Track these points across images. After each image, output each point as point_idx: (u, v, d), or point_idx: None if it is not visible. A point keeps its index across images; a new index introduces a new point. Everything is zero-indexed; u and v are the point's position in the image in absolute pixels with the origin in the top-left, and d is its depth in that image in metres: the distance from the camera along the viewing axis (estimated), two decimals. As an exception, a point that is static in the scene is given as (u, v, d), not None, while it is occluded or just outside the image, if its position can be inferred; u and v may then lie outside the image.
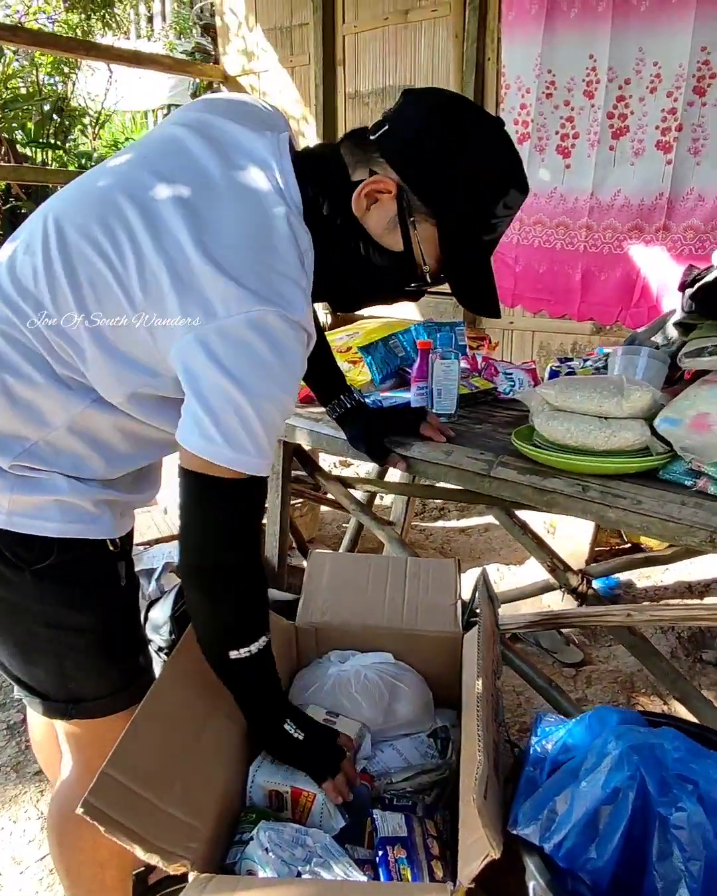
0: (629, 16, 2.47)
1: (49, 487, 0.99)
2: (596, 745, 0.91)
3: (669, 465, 1.21)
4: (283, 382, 0.88)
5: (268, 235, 0.86)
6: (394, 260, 0.95)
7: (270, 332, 0.83)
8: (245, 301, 0.82)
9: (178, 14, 8.79)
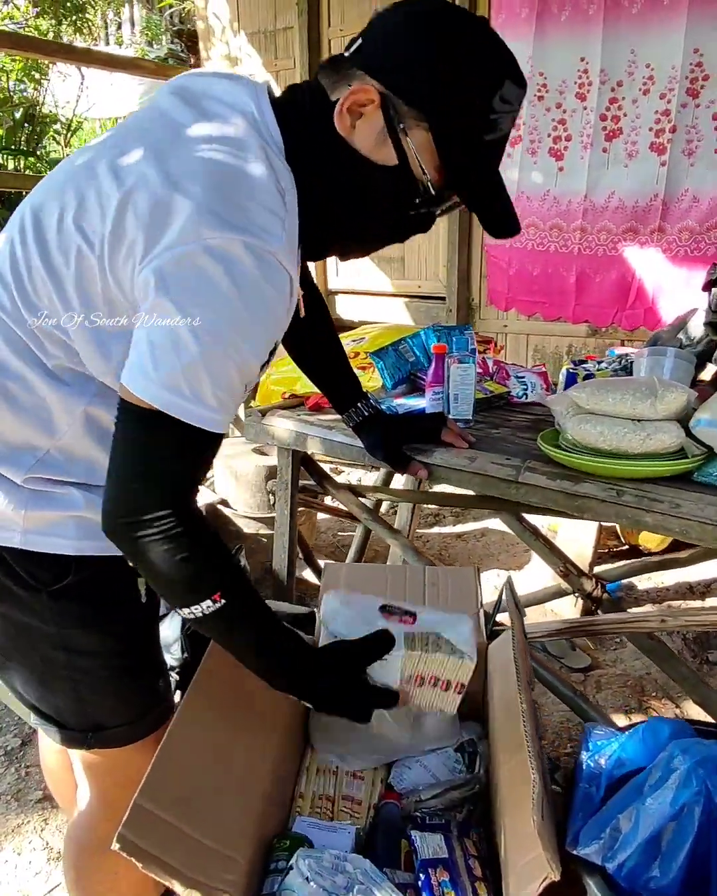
0: (620, 18, 2.48)
1: (65, 503, 0.95)
2: (662, 760, 0.88)
3: (704, 468, 1.19)
4: (242, 327, 0.77)
5: (239, 165, 0.78)
6: (391, 176, 0.85)
7: (233, 264, 0.74)
8: (206, 225, 0.73)
9: (148, 20, 8.73)
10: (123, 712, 1.05)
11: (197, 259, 0.74)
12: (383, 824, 1.27)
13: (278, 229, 0.77)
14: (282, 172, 0.81)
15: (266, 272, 0.76)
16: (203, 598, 0.85)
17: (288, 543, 1.87)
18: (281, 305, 0.81)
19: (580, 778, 0.96)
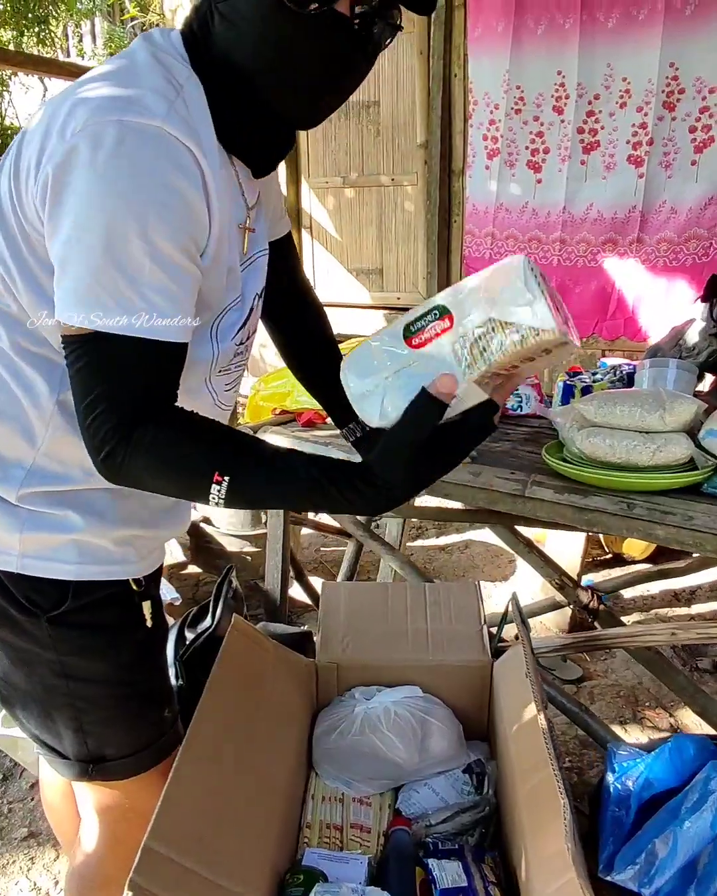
0: (596, 32, 2.51)
1: (63, 525, 0.90)
2: (699, 782, 0.86)
3: (714, 479, 1.18)
4: (136, 210, 0.69)
5: (124, 67, 0.75)
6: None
7: (105, 146, 0.67)
8: (82, 117, 0.69)
9: (111, 32, 8.67)
10: (127, 743, 1.01)
11: (71, 155, 0.68)
12: (394, 852, 1.24)
13: (162, 105, 0.71)
14: (176, 68, 0.76)
15: (149, 145, 0.69)
16: (208, 486, 0.74)
17: (281, 562, 1.83)
18: (182, 180, 0.72)
19: (608, 801, 0.94)
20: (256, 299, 0.93)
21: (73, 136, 0.69)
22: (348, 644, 1.49)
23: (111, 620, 0.96)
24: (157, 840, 0.92)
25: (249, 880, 1.02)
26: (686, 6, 2.37)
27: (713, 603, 2.69)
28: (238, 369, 0.97)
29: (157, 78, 0.74)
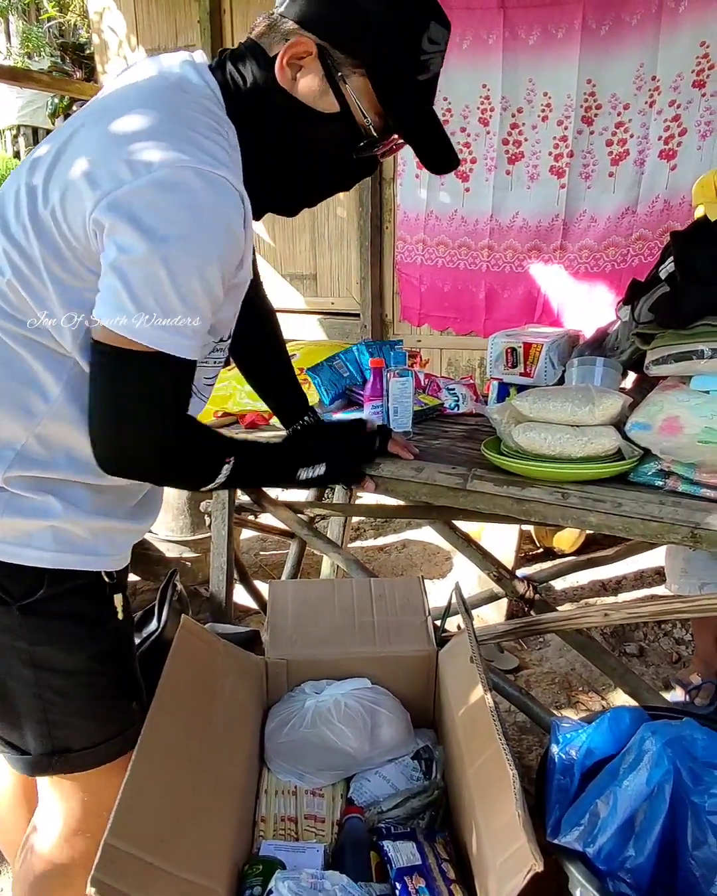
0: (518, 49, 2.62)
1: (43, 511, 0.91)
2: (634, 743, 0.93)
3: (639, 468, 1.27)
4: (206, 250, 0.79)
5: (179, 106, 0.82)
6: (334, 123, 0.89)
7: (184, 191, 0.76)
8: (154, 158, 0.76)
9: (29, 32, 8.43)
10: (93, 734, 1.01)
11: (150, 192, 0.75)
12: (349, 839, 1.27)
13: (224, 156, 0.80)
14: (222, 120, 0.85)
15: (218, 192, 0.78)
16: (221, 469, 0.97)
17: (226, 564, 1.84)
18: (238, 224, 0.82)
19: (553, 770, 1.00)
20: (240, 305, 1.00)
21: (149, 173, 0.75)
22: (297, 640, 1.51)
23: (85, 611, 0.97)
24: (117, 837, 0.92)
25: (209, 873, 1.03)
26: (601, 26, 2.51)
27: (637, 591, 2.84)
28: (217, 364, 1.02)
29: (211, 125, 0.82)
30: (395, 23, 0.86)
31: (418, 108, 0.92)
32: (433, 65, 0.90)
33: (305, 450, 1.20)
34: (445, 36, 0.90)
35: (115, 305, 0.78)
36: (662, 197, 2.55)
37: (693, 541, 1.16)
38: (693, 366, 1.19)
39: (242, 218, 0.82)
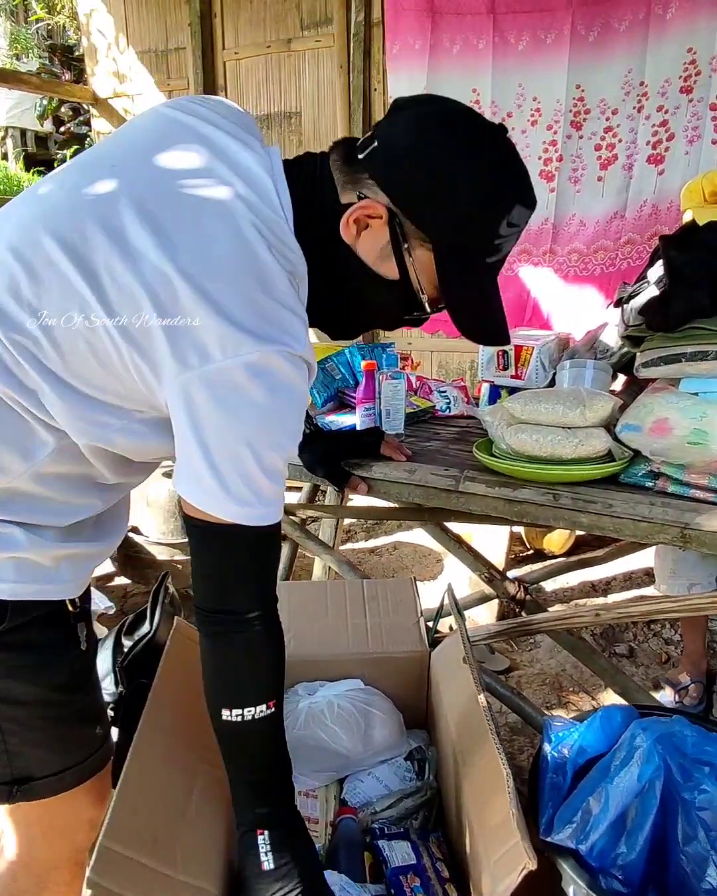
0: (507, 54, 2.64)
1: (5, 542, 0.87)
2: (625, 740, 0.94)
3: (629, 469, 1.28)
4: (286, 427, 0.81)
5: (255, 258, 0.76)
6: (390, 289, 0.86)
7: (271, 375, 0.76)
8: (244, 342, 0.73)
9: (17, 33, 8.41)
10: (56, 762, 0.97)
11: (238, 375, 0.74)
12: (343, 840, 1.27)
13: (302, 332, 0.79)
14: (295, 255, 0.82)
15: (298, 372, 0.78)
16: (262, 703, 0.89)
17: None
18: (306, 390, 0.84)
19: (546, 769, 1.01)
20: None
21: (232, 357, 0.74)
22: (290, 641, 1.50)
23: (46, 641, 0.93)
24: (112, 839, 0.92)
25: (204, 874, 1.03)
26: (590, 32, 2.53)
27: (627, 592, 2.86)
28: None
29: (286, 284, 0.79)
30: (481, 213, 0.82)
31: (478, 288, 0.87)
32: (506, 247, 0.86)
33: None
34: (527, 217, 0.86)
35: (204, 488, 0.79)
36: (650, 201, 2.57)
37: (683, 541, 1.17)
38: (683, 368, 1.21)
39: (309, 386, 0.84)
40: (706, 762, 0.96)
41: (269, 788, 0.96)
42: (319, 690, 1.48)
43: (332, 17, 3.01)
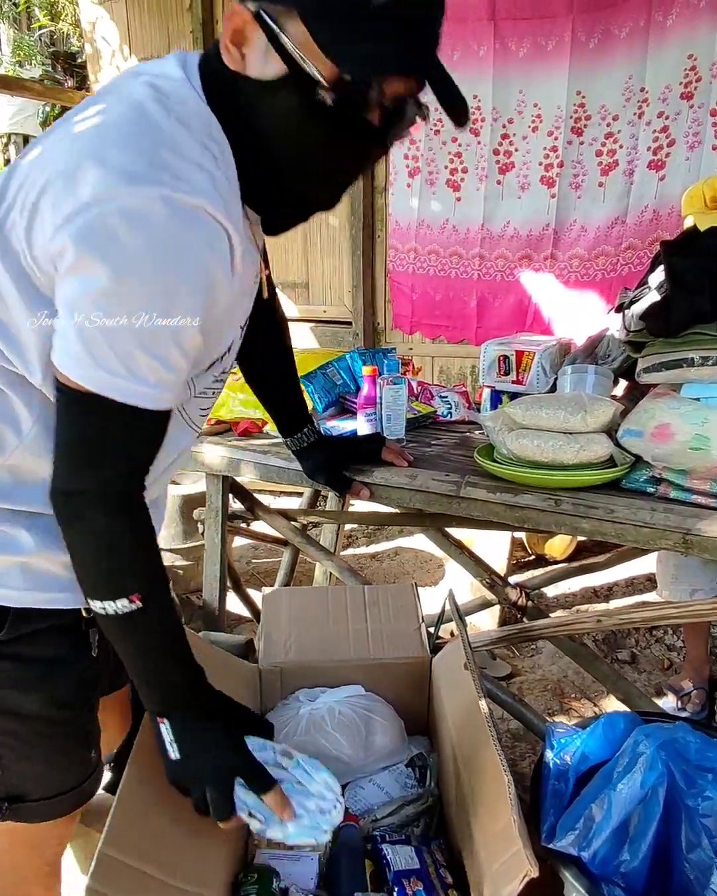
0: (508, 61, 2.65)
1: (12, 546, 0.85)
2: (628, 746, 0.93)
3: (631, 475, 1.28)
4: (167, 289, 0.70)
5: (153, 123, 0.70)
6: (288, 87, 0.73)
7: (151, 224, 0.67)
8: (118, 184, 0.66)
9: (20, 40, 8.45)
10: (50, 784, 0.95)
11: (110, 220, 0.67)
12: (344, 848, 1.27)
13: (206, 182, 0.71)
14: (211, 134, 0.74)
15: (190, 226, 0.70)
16: (121, 596, 0.80)
17: (219, 572, 1.84)
18: (214, 262, 0.73)
19: (548, 776, 1.00)
20: (240, 331, 0.93)
21: (106, 201, 0.67)
22: (291, 647, 1.51)
23: (52, 653, 0.91)
24: (112, 846, 0.92)
25: (205, 882, 1.03)
26: (590, 39, 2.54)
27: (629, 598, 2.85)
28: (214, 395, 0.97)
29: (195, 147, 0.72)
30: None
31: (385, 42, 0.72)
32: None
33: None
34: None
35: (69, 351, 0.72)
36: (651, 207, 2.58)
37: (685, 546, 1.17)
38: (684, 373, 1.20)
39: (221, 256, 0.74)
40: (710, 769, 0.96)
41: (162, 680, 0.88)
42: (319, 697, 1.48)
43: (333, 24, 3.02)
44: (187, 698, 0.89)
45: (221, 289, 0.76)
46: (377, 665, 1.49)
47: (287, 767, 0.97)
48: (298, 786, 0.96)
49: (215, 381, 0.93)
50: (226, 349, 0.90)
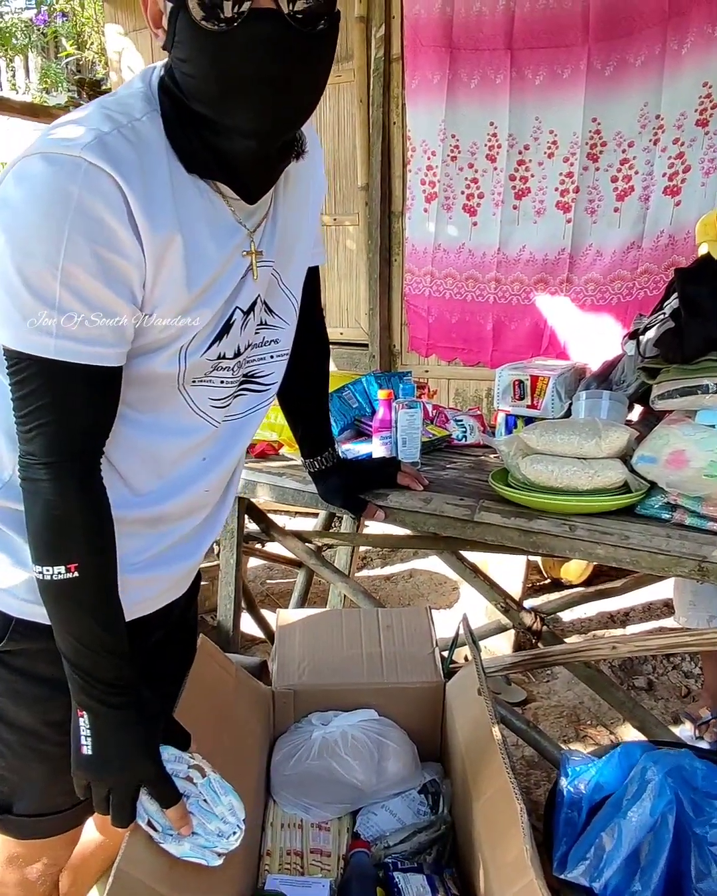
0: (525, 88, 2.69)
1: (22, 555, 0.86)
2: (636, 773, 0.93)
3: (645, 501, 1.28)
4: (47, 236, 0.72)
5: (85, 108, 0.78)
6: (177, 20, 0.73)
7: (30, 179, 0.72)
8: (16, 160, 0.74)
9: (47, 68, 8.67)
10: (38, 802, 0.95)
11: (5, 189, 0.73)
12: (355, 874, 1.26)
13: (87, 136, 0.73)
14: (135, 105, 0.77)
15: (63, 173, 0.71)
16: (59, 563, 0.80)
17: (233, 593, 1.85)
18: (99, 205, 0.73)
19: (562, 804, 0.99)
20: (237, 313, 0.89)
21: (7, 173, 0.74)
22: (305, 670, 1.51)
23: (49, 673, 0.89)
24: (129, 862, 0.92)
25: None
26: (606, 67, 2.57)
27: (646, 623, 2.82)
28: (225, 386, 0.92)
29: (99, 114, 0.76)
30: None
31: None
32: None
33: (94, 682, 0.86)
34: None
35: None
36: (667, 232, 2.59)
37: (701, 574, 1.16)
38: (699, 400, 1.21)
39: (107, 199, 0.73)
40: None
41: (87, 667, 0.83)
42: (332, 720, 1.47)
43: (353, 53, 3.08)
44: (110, 693, 0.84)
45: (120, 236, 0.75)
46: (391, 689, 1.49)
47: (197, 783, 0.94)
48: (203, 804, 0.93)
49: (216, 368, 0.89)
50: (208, 327, 0.86)
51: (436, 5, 2.80)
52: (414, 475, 1.46)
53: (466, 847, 1.25)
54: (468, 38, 2.77)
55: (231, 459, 0.99)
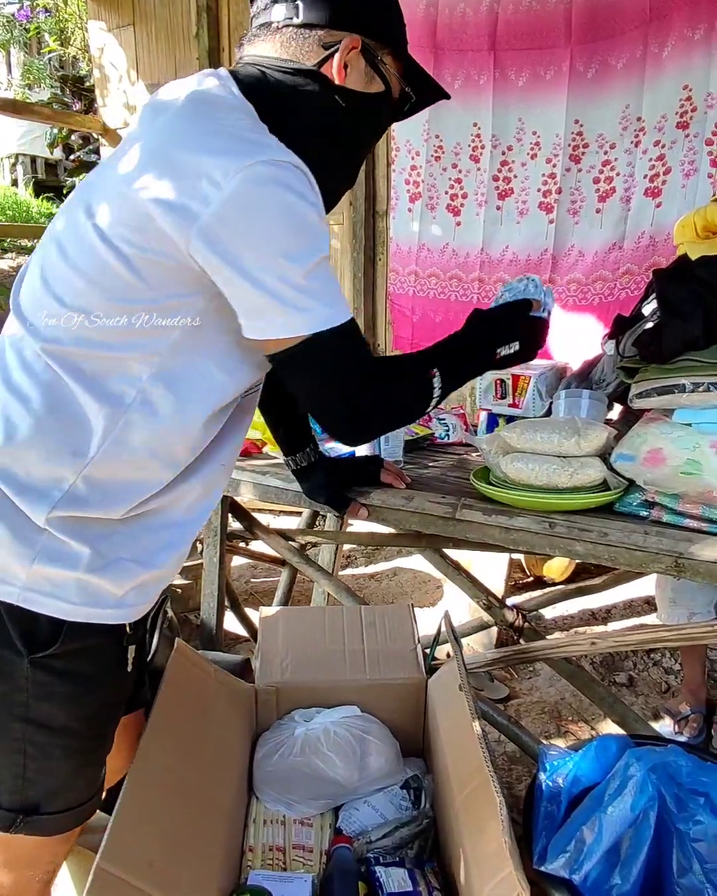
0: (508, 89, 2.71)
1: (72, 561, 0.88)
2: (619, 769, 0.94)
3: (624, 498, 1.29)
4: (310, 228, 0.82)
5: (214, 108, 0.84)
6: (382, 100, 0.99)
7: (270, 181, 0.79)
8: (229, 165, 0.77)
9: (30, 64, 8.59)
10: (65, 798, 0.97)
11: (243, 196, 0.77)
12: (337, 869, 1.27)
13: (281, 147, 0.82)
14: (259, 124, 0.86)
15: (295, 175, 0.81)
16: (432, 387, 1.00)
17: (217, 591, 1.85)
18: (316, 195, 0.84)
19: (541, 798, 1.01)
20: None
21: (225, 183, 0.77)
22: (287, 667, 1.52)
23: (90, 670, 0.94)
24: (109, 861, 0.93)
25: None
26: (588, 70, 2.60)
27: (627, 620, 2.85)
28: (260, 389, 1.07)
29: (262, 130, 0.84)
30: (394, 6, 0.99)
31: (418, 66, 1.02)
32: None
33: (496, 329, 1.14)
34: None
35: (274, 316, 0.82)
36: (648, 233, 2.61)
37: (677, 570, 1.18)
38: (676, 399, 1.22)
39: (317, 194, 0.85)
40: (702, 793, 0.96)
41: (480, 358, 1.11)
42: (315, 717, 1.48)
43: (337, 53, 3.09)
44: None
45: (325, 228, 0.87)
46: (373, 686, 1.50)
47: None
48: None
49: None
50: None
51: (420, 6, 2.81)
52: (397, 473, 1.47)
53: (447, 841, 1.26)
54: (452, 38, 2.78)
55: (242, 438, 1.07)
